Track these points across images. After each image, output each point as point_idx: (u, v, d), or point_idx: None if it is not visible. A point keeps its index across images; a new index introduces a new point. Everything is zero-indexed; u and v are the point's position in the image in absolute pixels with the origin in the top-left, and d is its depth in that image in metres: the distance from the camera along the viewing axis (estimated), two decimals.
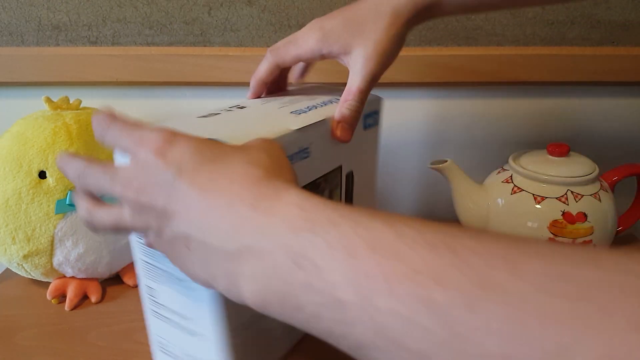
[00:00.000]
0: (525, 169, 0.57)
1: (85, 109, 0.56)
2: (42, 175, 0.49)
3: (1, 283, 0.57)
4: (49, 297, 0.52)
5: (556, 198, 0.54)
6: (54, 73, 0.64)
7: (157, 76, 0.64)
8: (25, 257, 0.51)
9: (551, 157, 0.57)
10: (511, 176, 0.58)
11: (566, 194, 0.54)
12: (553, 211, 0.54)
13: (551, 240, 0.54)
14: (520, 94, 0.69)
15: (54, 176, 0.49)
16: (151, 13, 0.63)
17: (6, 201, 0.49)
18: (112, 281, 0.56)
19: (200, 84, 0.66)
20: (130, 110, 0.68)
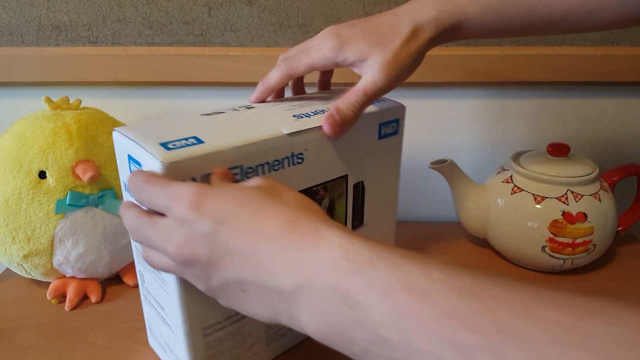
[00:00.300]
0: (525, 169, 0.57)
1: (85, 109, 0.56)
2: (42, 175, 0.49)
3: (1, 283, 0.57)
4: (49, 297, 0.52)
5: (556, 198, 0.54)
6: (54, 73, 0.64)
7: (157, 76, 0.64)
8: (25, 257, 0.51)
9: (551, 157, 0.57)
10: (511, 176, 0.58)
11: (566, 194, 0.54)
12: (553, 211, 0.54)
13: (553, 241, 0.54)
14: (520, 94, 0.69)
15: (54, 176, 0.49)
16: (151, 13, 0.63)
17: (6, 201, 0.49)
18: (112, 281, 0.56)
19: (200, 84, 0.66)
20: (130, 110, 0.68)
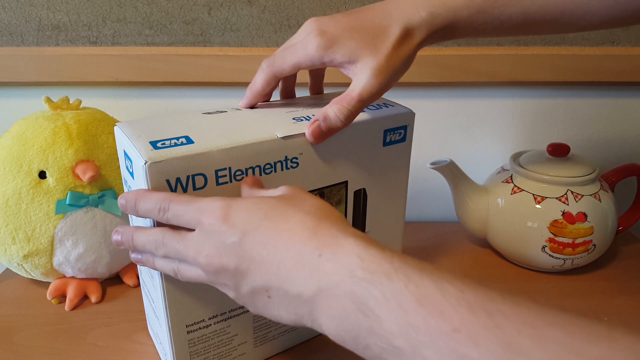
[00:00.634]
0: (525, 169, 0.57)
1: (85, 109, 0.56)
2: (42, 175, 0.49)
3: (1, 283, 0.57)
4: (49, 297, 0.52)
5: (556, 198, 0.54)
6: (54, 73, 0.64)
7: (157, 76, 0.64)
8: (25, 257, 0.51)
9: (551, 157, 0.57)
10: (511, 176, 0.58)
11: (566, 194, 0.54)
12: (553, 211, 0.54)
13: (553, 241, 0.54)
14: (520, 94, 0.69)
15: (54, 176, 0.49)
16: (151, 13, 0.63)
17: (6, 201, 0.49)
18: (112, 281, 0.56)
19: (200, 84, 0.66)
20: (130, 110, 0.68)
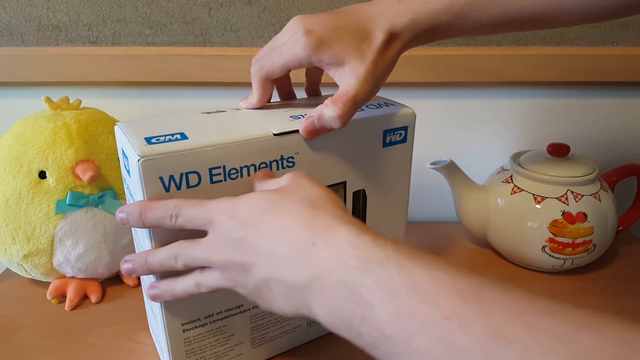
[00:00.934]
0: (525, 169, 0.57)
1: (85, 109, 0.56)
2: (42, 175, 0.49)
3: (1, 283, 0.57)
4: (49, 297, 0.52)
5: (556, 198, 0.54)
6: (54, 73, 0.64)
7: (157, 76, 0.64)
8: (25, 257, 0.51)
9: (551, 157, 0.57)
10: (511, 176, 0.58)
11: (566, 194, 0.54)
12: (553, 211, 0.54)
13: (553, 241, 0.54)
14: (520, 94, 0.69)
15: (54, 176, 0.49)
16: (151, 13, 0.63)
17: (6, 201, 0.49)
18: (112, 281, 0.56)
19: (200, 84, 0.66)
20: (130, 110, 0.68)
